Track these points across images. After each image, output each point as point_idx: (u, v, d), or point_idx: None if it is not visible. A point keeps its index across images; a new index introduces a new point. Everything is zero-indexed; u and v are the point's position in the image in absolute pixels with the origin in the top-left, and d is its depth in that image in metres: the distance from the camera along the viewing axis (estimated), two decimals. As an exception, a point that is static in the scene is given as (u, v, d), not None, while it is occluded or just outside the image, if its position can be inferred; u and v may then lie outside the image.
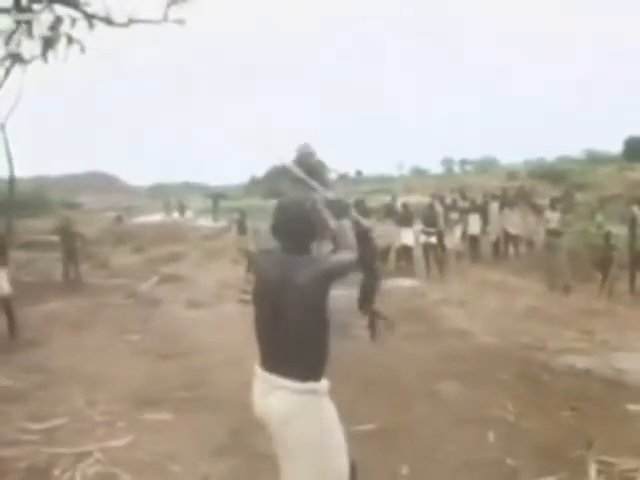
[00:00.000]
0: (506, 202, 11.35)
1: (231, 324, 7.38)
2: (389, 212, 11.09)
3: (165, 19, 11.69)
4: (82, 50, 14.59)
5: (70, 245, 10.66)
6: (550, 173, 25.38)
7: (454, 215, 10.93)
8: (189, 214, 22.49)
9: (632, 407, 4.39)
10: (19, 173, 17.97)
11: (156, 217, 20.40)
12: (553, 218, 9.29)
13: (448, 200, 11.91)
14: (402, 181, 36.79)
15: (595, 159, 31.16)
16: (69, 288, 9.96)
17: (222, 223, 18.77)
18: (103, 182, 48.69)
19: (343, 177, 47.66)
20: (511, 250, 11.51)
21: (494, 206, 11.44)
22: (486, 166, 41.55)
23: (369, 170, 48.06)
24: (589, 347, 6.16)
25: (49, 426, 4.22)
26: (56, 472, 3.56)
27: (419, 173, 44.17)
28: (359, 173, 47.84)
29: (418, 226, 10.65)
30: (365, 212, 11.84)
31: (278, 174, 44.39)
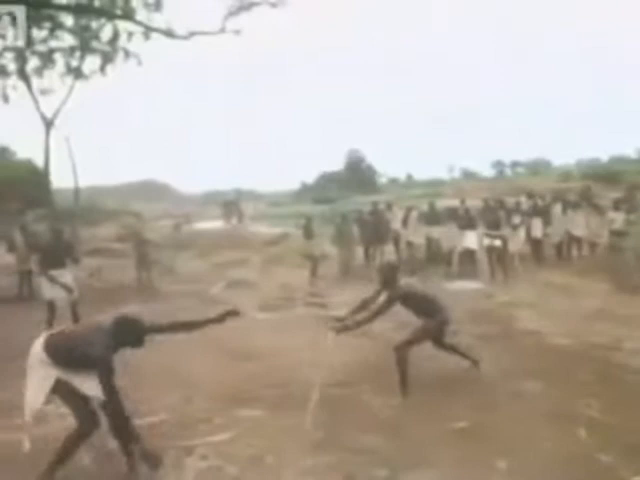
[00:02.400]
0: (569, 204, 11.21)
1: (303, 326, 7.61)
2: (452, 216, 11.13)
3: (223, 30, 12.09)
4: (139, 63, 15.25)
5: (142, 251, 11.15)
6: (604, 174, 24.65)
7: (517, 218, 10.86)
8: (246, 220, 23.01)
9: None
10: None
11: (215, 223, 21.01)
12: (617, 218, 9.13)
13: (511, 203, 11.82)
14: (453, 184, 36.44)
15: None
16: (142, 293, 10.40)
17: (279, 229, 19.14)
18: (156, 190, 50.14)
19: (393, 181, 47.81)
20: (574, 252, 11.34)
21: (557, 208, 11.31)
22: (538, 168, 40.64)
23: (420, 174, 47.87)
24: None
25: (150, 422, 4.49)
26: (166, 463, 3.83)
27: (470, 176, 43.63)
28: (409, 177, 47.68)
29: (481, 229, 10.65)
30: (436, 216, 11.97)
31: (327, 181, 44.88)
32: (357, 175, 42.89)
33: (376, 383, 5.27)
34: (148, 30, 13.19)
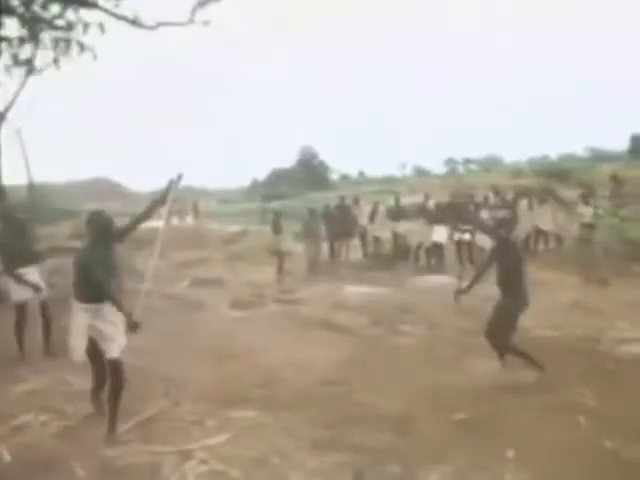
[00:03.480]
0: (536, 199, 11.46)
1: (278, 323, 7.45)
2: (421, 211, 11.19)
3: (192, 21, 11.67)
4: (94, 57, 14.54)
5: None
6: (555, 171, 25.59)
7: (484, 213, 11.00)
8: (201, 218, 22.49)
9: None
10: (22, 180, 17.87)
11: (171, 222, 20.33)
12: (587, 212, 9.42)
13: (479, 198, 11.99)
14: (405, 181, 36.90)
15: (599, 157, 31.37)
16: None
17: (237, 227, 18.81)
18: (107, 188, 48.40)
19: (345, 178, 48.02)
20: (541, 246, 11.61)
21: (523, 203, 11.55)
22: (490, 165, 41.82)
23: (372, 171, 48.30)
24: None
25: (138, 428, 4.22)
26: (165, 470, 3.59)
27: (422, 173, 44.39)
28: (362, 174, 48.03)
29: (449, 224, 10.75)
30: (401, 212, 12.00)
31: (279, 177, 44.64)
32: (309, 172, 42.85)
33: (364, 380, 5.17)
34: (115, 18, 12.51)
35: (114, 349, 4.03)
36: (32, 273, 5.87)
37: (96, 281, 3.91)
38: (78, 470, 3.59)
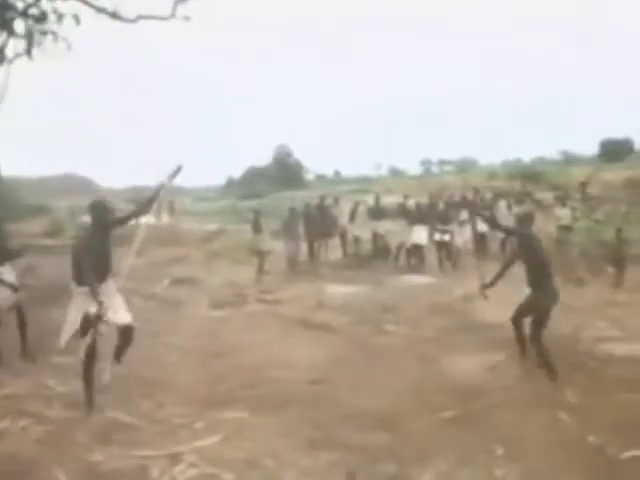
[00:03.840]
0: (514, 200, 11.63)
1: (261, 323, 7.38)
2: (402, 212, 11.24)
3: (173, 16, 11.40)
4: (69, 48, 14.12)
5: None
6: (528, 173, 26.12)
7: (464, 213, 11.10)
8: (178, 216, 22.20)
9: None
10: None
11: (146, 219, 19.88)
12: (564, 215, 9.58)
13: (456, 199, 12.10)
14: (381, 181, 37.08)
15: (570, 160, 32.10)
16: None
17: (214, 225, 18.63)
18: (77, 185, 47.27)
19: (321, 177, 48.03)
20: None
21: (502, 204, 11.69)
22: (465, 166, 42.32)
23: (347, 171, 48.37)
24: (623, 335, 6.40)
25: (124, 431, 4.12)
26: (154, 474, 3.51)
27: (397, 174, 44.64)
28: (337, 173, 48.10)
29: (429, 225, 10.82)
30: (381, 212, 12.02)
31: (254, 176, 44.39)
32: (285, 170, 42.66)
33: (350, 379, 5.15)
34: (95, 10, 12.14)
35: (126, 316, 4.48)
36: (7, 272, 5.66)
37: (83, 265, 4.21)
38: (62, 477, 3.48)
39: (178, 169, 4.77)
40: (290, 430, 4.06)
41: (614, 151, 28.90)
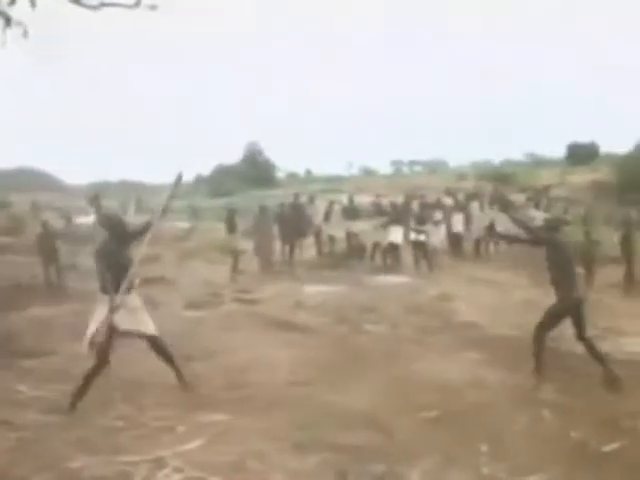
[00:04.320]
0: (488, 201, 11.78)
1: (239, 324, 7.28)
2: (378, 211, 11.26)
3: (138, 4, 11.05)
4: (25, 35, 13.44)
5: (49, 246, 10.10)
6: (497, 175, 26.63)
7: (438, 214, 11.20)
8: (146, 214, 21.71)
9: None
10: None
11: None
12: (538, 216, 9.75)
13: (432, 199, 12.20)
14: (352, 181, 37.17)
15: (538, 163, 32.84)
16: (54, 292, 9.45)
17: (184, 223, 18.35)
18: (33, 179, 45.40)
19: (292, 176, 47.83)
20: (491, 248, 11.93)
21: (475, 205, 11.83)
22: (435, 167, 42.79)
23: (318, 169, 48.28)
24: (596, 333, 6.50)
25: (104, 434, 3.99)
26: (137, 480, 3.40)
27: (369, 173, 44.81)
28: (308, 172, 48.02)
29: (406, 225, 10.87)
30: (355, 211, 12.03)
31: (224, 173, 43.85)
32: (255, 168, 42.23)
33: (332, 379, 5.10)
34: None
35: (151, 327, 4.63)
36: None
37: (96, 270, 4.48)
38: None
39: (179, 177, 4.90)
40: (275, 432, 3.99)
41: (580, 154, 29.71)
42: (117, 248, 4.55)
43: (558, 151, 33.79)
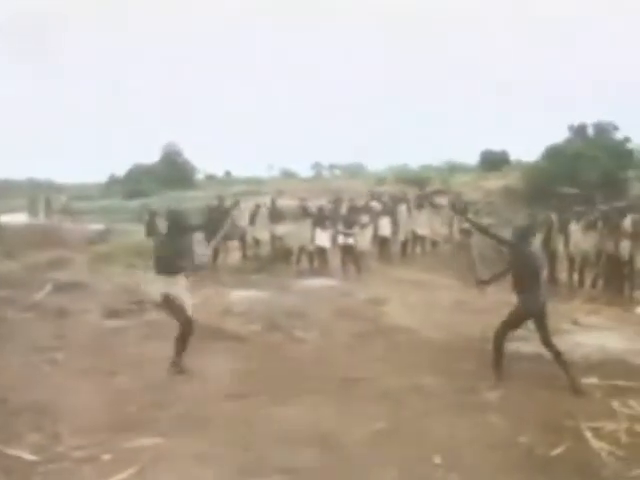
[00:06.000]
0: (414, 204, 11.92)
1: (163, 333, 6.74)
2: (305, 214, 11.05)
3: None
4: None
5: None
6: (415, 179, 27.38)
7: (365, 217, 11.16)
8: (55, 215, 20.30)
9: (585, 380, 5.06)
10: None
11: (17, 217, 17.96)
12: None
13: (360, 202, 12.16)
14: (272, 183, 36.80)
15: (453, 168, 34.19)
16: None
17: (99, 225, 17.27)
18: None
19: (211, 177, 46.62)
20: (417, 250, 12.08)
21: (402, 208, 11.93)
22: (354, 171, 43.23)
23: (238, 171, 47.29)
24: (526, 334, 6.64)
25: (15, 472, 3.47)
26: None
27: (289, 175, 44.53)
28: (228, 174, 46.97)
29: (334, 228, 10.75)
30: (279, 214, 11.75)
31: (140, 174, 42.02)
32: (173, 169, 40.79)
33: (269, 392, 4.84)
34: None
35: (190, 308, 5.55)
36: None
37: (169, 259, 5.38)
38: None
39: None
40: (215, 455, 3.65)
41: (492, 161, 31.24)
42: (173, 240, 5.44)
43: (472, 158, 35.45)
